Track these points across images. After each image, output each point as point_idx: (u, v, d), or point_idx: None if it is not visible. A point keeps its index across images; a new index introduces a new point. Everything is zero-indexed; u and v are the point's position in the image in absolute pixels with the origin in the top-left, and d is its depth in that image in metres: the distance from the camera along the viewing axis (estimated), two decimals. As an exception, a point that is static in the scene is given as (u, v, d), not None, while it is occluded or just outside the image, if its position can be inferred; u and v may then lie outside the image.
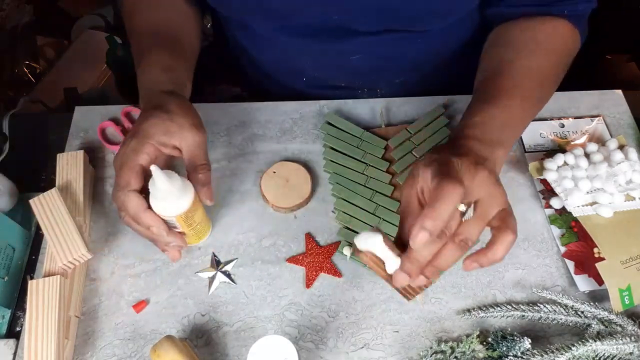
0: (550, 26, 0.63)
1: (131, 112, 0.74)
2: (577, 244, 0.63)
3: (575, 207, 0.64)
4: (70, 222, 0.59)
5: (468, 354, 0.56)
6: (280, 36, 0.71)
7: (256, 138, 0.73)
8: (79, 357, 0.57)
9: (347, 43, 0.70)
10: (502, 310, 0.59)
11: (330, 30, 0.68)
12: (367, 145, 0.70)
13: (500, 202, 0.46)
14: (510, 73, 0.59)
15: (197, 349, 0.57)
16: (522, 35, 0.63)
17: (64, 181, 0.64)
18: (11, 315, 0.59)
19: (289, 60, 0.75)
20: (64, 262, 0.56)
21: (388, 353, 0.58)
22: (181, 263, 0.63)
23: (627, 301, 0.58)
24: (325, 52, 0.72)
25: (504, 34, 0.65)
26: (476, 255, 0.46)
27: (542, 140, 0.73)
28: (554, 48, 0.62)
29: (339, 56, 0.73)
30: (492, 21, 0.68)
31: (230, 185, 0.68)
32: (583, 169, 0.65)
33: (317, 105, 0.75)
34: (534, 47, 0.61)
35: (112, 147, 0.70)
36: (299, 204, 0.65)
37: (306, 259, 0.62)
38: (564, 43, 0.64)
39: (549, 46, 0.62)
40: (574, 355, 0.53)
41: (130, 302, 0.60)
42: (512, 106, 0.55)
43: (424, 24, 0.68)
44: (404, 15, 0.65)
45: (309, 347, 0.58)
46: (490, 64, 0.63)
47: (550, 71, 0.62)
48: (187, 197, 0.54)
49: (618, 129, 0.75)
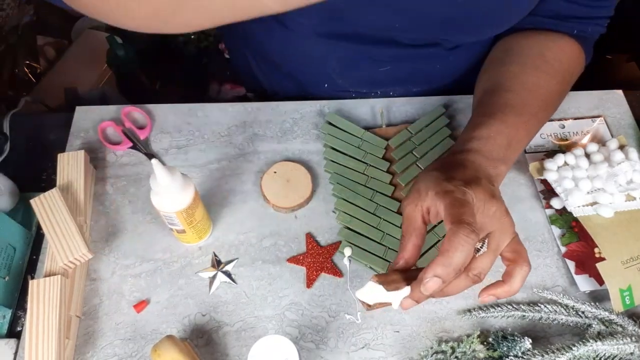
0: (558, 45, 0.63)
1: (132, 112, 0.74)
2: (577, 244, 0.63)
3: (575, 207, 0.64)
4: (71, 222, 0.59)
5: (469, 354, 0.56)
6: (319, 40, 0.69)
7: (257, 138, 0.73)
8: (80, 356, 0.57)
9: (381, 54, 0.70)
10: (503, 310, 0.59)
11: (371, 39, 0.67)
12: (367, 146, 0.70)
13: (511, 233, 0.47)
14: (516, 89, 0.58)
15: (197, 349, 0.57)
16: (529, 51, 0.62)
17: (65, 181, 0.64)
18: (12, 315, 0.59)
19: (318, 65, 0.74)
20: (65, 262, 0.56)
21: (389, 353, 0.58)
22: (182, 263, 0.63)
23: (627, 301, 0.58)
24: (357, 61, 0.71)
25: (512, 46, 0.65)
26: (493, 288, 0.47)
27: (542, 141, 0.73)
28: (561, 68, 0.62)
29: (369, 66, 0.72)
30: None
31: (231, 185, 0.68)
32: (583, 169, 0.65)
33: (318, 105, 0.75)
34: (541, 64, 0.61)
35: (113, 147, 0.70)
36: (299, 203, 0.65)
37: (306, 259, 0.62)
38: (570, 63, 0.64)
39: (556, 65, 0.62)
40: (575, 355, 0.53)
41: (131, 302, 0.60)
42: (519, 123, 0.55)
43: (479, 35, 0.67)
44: (462, 26, 0.63)
45: (309, 347, 0.58)
46: (496, 75, 0.62)
47: (554, 91, 0.61)
48: (188, 194, 0.55)
49: (618, 129, 0.75)
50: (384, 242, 0.63)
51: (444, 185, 0.46)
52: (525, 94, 0.58)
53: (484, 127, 0.54)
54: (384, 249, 0.63)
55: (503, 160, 0.52)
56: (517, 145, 0.55)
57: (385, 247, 0.63)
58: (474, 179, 0.47)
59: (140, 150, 0.70)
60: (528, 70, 0.60)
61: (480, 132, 0.53)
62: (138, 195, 0.67)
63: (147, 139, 0.72)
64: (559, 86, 0.62)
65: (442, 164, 0.51)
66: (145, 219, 0.66)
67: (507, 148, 0.53)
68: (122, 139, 0.71)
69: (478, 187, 0.46)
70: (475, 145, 0.52)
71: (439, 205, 0.46)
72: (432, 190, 0.47)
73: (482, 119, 0.55)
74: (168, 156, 0.71)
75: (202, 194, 0.68)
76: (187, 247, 0.64)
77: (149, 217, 0.66)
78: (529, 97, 0.58)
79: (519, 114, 0.56)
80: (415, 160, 0.69)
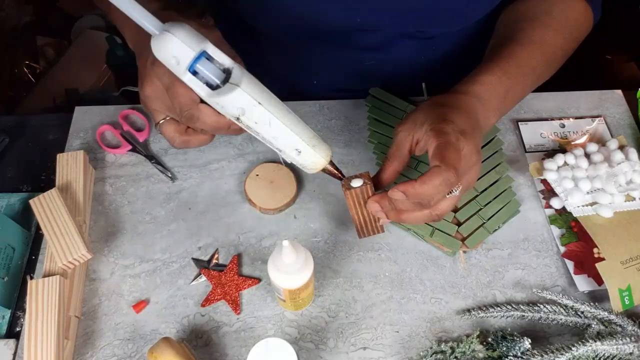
0: (565, 2, 0.64)
1: (129, 115, 0.74)
2: (577, 244, 0.63)
3: (575, 207, 0.64)
4: (70, 222, 0.59)
5: (468, 354, 0.55)
6: (298, 41, 0.71)
7: (256, 138, 0.72)
8: (79, 357, 0.57)
9: (364, 48, 0.71)
10: (502, 310, 0.59)
11: (349, 33, 0.68)
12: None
13: (473, 185, 0.52)
14: (523, 42, 0.60)
15: (196, 349, 0.57)
16: (536, 8, 0.64)
17: (64, 181, 0.64)
18: (11, 315, 0.59)
19: (304, 64, 0.76)
20: (64, 262, 0.56)
21: (388, 353, 0.57)
22: (181, 263, 0.63)
23: (627, 301, 0.58)
24: (341, 56, 0.73)
25: (520, 6, 0.66)
26: (404, 185, 0.47)
27: (542, 140, 0.73)
28: (567, 24, 0.63)
29: (354, 61, 0.74)
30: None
31: (230, 186, 0.68)
32: (583, 169, 0.65)
33: (317, 105, 0.75)
34: (549, 20, 0.62)
35: (111, 150, 0.70)
36: (286, 203, 0.65)
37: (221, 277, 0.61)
38: (577, 21, 0.65)
39: (562, 22, 0.63)
40: (574, 355, 0.53)
41: (130, 302, 0.60)
42: (518, 76, 0.57)
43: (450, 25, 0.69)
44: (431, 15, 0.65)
45: (309, 347, 0.58)
46: (505, 30, 0.64)
47: (559, 47, 0.62)
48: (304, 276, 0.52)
49: (618, 129, 0.75)
50: None
51: (441, 125, 0.48)
52: (531, 47, 0.60)
53: (488, 74, 0.56)
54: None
55: (495, 112, 0.55)
56: (512, 97, 0.58)
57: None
58: (469, 129, 0.49)
59: (140, 152, 0.70)
60: (536, 25, 0.62)
61: (484, 77, 0.56)
62: (137, 195, 0.67)
63: (146, 141, 0.72)
64: (564, 42, 0.63)
65: (445, 100, 0.52)
66: (144, 219, 0.66)
67: (503, 99, 0.56)
68: (120, 143, 0.71)
69: (471, 140, 0.49)
70: (477, 90, 0.54)
71: (431, 141, 0.48)
72: (428, 125, 0.49)
73: (488, 64, 0.57)
74: (167, 156, 0.71)
75: (202, 195, 0.68)
76: (187, 247, 0.64)
77: (148, 217, 0.66)
78: (534, 50, 0.59)
79: (520, 65, 0.58)
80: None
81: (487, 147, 0.69)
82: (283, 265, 0.50)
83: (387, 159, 0.52)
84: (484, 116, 0.53)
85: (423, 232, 0.63)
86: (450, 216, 0.64)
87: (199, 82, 0.45)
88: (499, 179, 0.67)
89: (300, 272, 0.51)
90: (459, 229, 0.63)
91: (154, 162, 0.69)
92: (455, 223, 0.64)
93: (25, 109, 1.29)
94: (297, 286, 0.52)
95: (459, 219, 0.64)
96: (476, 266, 0.63)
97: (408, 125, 0.51)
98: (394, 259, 0.63)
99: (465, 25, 0.70)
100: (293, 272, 0.51)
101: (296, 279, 0.52)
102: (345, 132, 0.73)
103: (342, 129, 0.74)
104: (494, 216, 0.65)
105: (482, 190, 0.66)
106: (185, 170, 0.70)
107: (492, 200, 0.65)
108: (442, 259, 0.64)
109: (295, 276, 0.52)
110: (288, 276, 0.51)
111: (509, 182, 0.67)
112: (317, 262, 0.63)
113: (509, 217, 0.65)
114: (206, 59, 0.44)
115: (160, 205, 0.67)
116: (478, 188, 0.66)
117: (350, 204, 0.53)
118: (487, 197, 0.66)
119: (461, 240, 0.63)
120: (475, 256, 0.64)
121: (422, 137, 0.49)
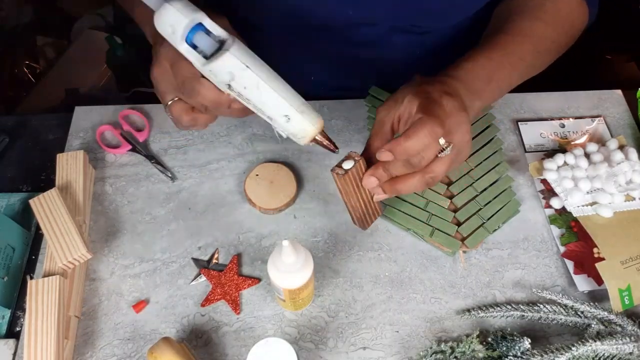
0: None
1: (129, 115, 0.74)
2: (576, 244, 0.63)
3: (575, 207, 0.64)
4: (70, 222, 0.59)
5: (468, 354, 0.55)
6: (293, 35, 0.71)
7: (256, 138, 0.73)
8: (79, 357, 0.57)
9: (358, 43, 0.71)
10: (502, 310, 0.59)
11: (343, 28, 0.68)
12: None
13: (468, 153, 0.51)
14: (511, 33, 0.60)
15: (196, 349, 0.57)
16: (530, 2, 0.64)
17: (64, 181, 0.64)
18: (11, 315, 0.59)
19: (298, 60, 0.76)
20: (64, 262, 0.56)
21: (388, 353, 0.57)
22: (181, 263, 0.63)
23: (626, 301, 0.58)
24: (335, 51, 0.73)
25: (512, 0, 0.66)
26: (390, 144, 0.47)
27: (542, 140, 0.73)
28: (559, 16, 0.63)
29: (349, 56, 0.74)
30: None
31: (230, 186, 0.68)
32: (583, 169, 0.65)
33: (317, 105, 0.75)
34: (540, 14, 0.62)
35: (112, 150, 0.70)
36: (286, 203, 0.65)
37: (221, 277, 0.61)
38: (569, 14, 0.65)
39: (555, 16, 0.63)
40: (574, 355, 0.53)
41: (130, 302, 0.60)
42: (504, 62, 0.57)
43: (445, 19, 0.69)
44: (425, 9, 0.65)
45: (308, 347, 0.58)
46: (498, 23, 0.64)
47: (550, 40, 0.62)
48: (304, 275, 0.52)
49: (618, 129, 0.75)
50: (428, 208, 0.65)
51: (422, 87, 0.49)
52: (519, 38, 0.60)
53: (470, 60, 0.56)
54: (427, 214, 0.64)
55: (480, 95, 0.54)
56: (499, 82, 0.57)
57: (428, 213, 0.64)
58: (453, 91, 0.50)
59: (140, 152, 0.70)
60: (526, 17, 0.62)
61: (466, 63, 0.56)
62: (137, 195, 0.67)
63: (146, 141, 0.72)
64: (555, 34, 0.63)
65: (426, 81, 0.52)
66: (144, 219, 0.66)
67: (488, 83, 0.55)
68: (120, 143, 0.71)
69: (455, 99, 0.49)
70: (458, 73, 0.54)
71: (413, 103, 0.48)
72: (409, 95, 0.49)
73: (471, 52, 0.58)
74: (167, 156, 0.71)
75: (202, 194, 0.68)
76: (187, 247, 0.64)
77: (148, 217, 0.66)
78: (523, 40, 0.60)
79: (506, 53, 0.58)
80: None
81: (487, 147, 0.69)
82: (283, 265, 0.50)
83: (371, 136, 0.52)
84: (467, 98, 0.53)
85: (423, 232, 0.63)
86: (450, 216, 0.64)
87: (194, 52, 0.46)
88: (499, 178, 0.67)
89: (300, 272, 0.52)
90: (458, 228, 0.63)
91: (154, 162, 0.69)
92: (455, 223, 0.64)
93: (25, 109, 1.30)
94: (297, 286, 0.52)
95: (458, 218, 0.64)
96: (476, 266, 0.63)
97: (388, 104, 0.51)
98: (394, 258, 0.63)
99: (459, 19, 0.70)
100: (293, 272, 0.51)
101: (296, 278, 0.52)
102: (345, 132, 0.73)
103: (342, 129, 0.74)
104: (494, 216, 0.65)
105: (482, 190, 0.66)
106: (185, 170, 0.70)
107: (492, 200, 0.65)
108: (442, 259, 0.64)
109: (295, 276, 0.52)
110: (288, 276, 0.52)
111: (509, 182, 0.67)
112: (317, 262, 0.63)
113: (509, 217, 0.65)
114: (204, 33, 0.46)
115: (160, 205, 0.67)
116: (478, 188, 0.66)
117: (349, 190, 0.51)
118: (487, 197, 0.66)
119: (461, 240, 0.63)
120: (475, 256, 0.64)
121: (403, 111, 0.49)
